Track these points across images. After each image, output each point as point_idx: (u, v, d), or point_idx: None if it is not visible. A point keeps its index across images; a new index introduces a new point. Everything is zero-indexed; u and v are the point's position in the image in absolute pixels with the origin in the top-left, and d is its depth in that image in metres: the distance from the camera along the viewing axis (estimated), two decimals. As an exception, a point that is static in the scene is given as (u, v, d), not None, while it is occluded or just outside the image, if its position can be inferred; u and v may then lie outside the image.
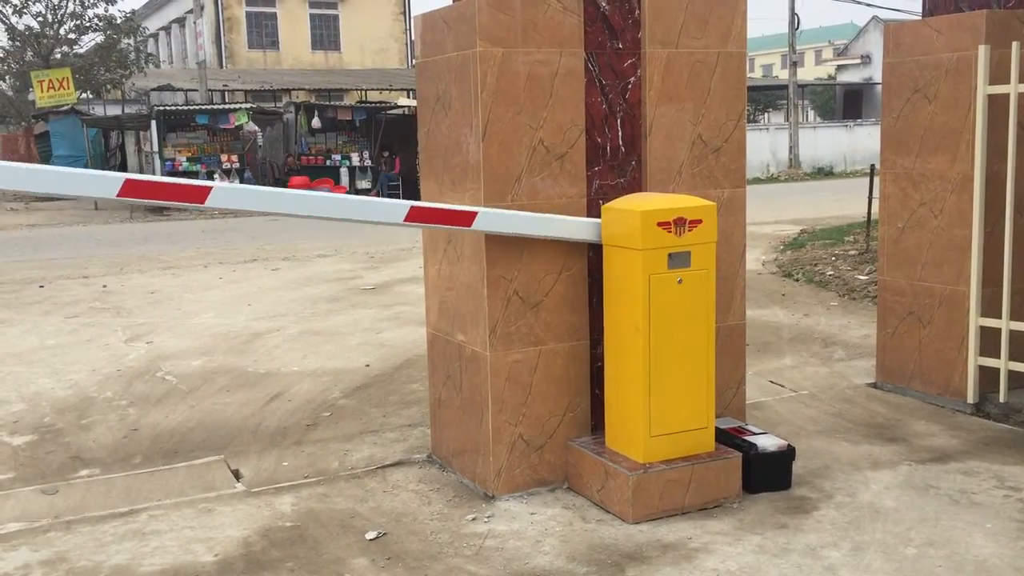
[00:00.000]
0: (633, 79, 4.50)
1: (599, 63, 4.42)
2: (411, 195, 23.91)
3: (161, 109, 25.51)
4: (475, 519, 4.17)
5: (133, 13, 36.39)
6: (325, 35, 40.57)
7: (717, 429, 4.39)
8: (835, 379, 6.35)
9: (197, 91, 28.83)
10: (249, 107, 25.97)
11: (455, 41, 4.32)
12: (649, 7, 4.44)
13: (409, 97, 28.68)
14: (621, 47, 4.46)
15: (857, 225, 13.31)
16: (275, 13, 39.59)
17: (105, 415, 6.13)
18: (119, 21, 33.20)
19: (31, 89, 28.65)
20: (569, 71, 4.32)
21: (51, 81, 26.54)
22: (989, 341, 5.30)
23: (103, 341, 8.35)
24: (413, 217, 4.09)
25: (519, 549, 3.87)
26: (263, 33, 39.57)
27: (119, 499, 4.61)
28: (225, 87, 30.46)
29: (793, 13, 31.98)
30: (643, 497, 4.07)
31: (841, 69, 43.83)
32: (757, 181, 28.67)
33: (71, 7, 32.60)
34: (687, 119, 4.58)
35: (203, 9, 32.71)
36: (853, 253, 11.31)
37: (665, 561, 3.71)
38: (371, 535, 4.04)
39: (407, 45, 40.98)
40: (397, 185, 26.29)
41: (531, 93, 4.25)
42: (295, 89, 31.69)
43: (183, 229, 19.80)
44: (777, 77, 60.63)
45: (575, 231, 4.32)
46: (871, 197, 10.97)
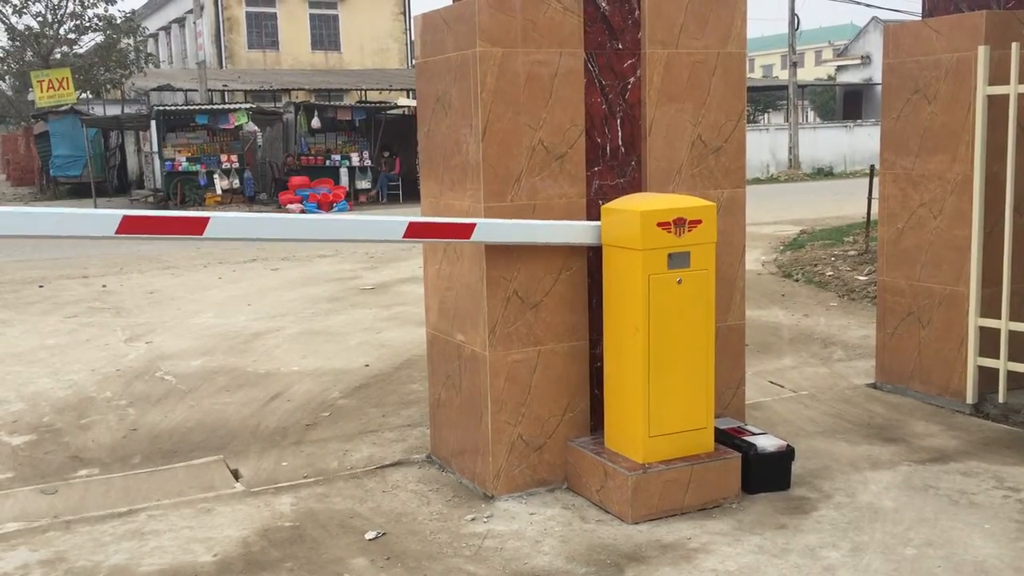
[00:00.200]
0: (633, 79, 4.50)
1: (599, 63, 4.42)
2: (411, 195, 23.92)
3: (161, 109, 25.50)
4: (474, 519, 4.17)
5: (133, 13, 36.39)
6: (325, 35, 40.56)
7: (716, 429, 4.39)
8: (834, 379, 6.36)
9: (197, 91, 28.83)
10: (249, 107, 25.96)
11: (455, 41, 4.32)
12: (649, 7, 4.45)
13: (409, 97, 28.66)
14: (621, 47, 4.46)
15: (857, 226, 13.31)
16: (275, 13, 39.58)
17: (104, 415, 6.13)
18: (119, 21, 33.21)
19: (31, 89, 28.63)
20: (569, 71, 4.32)
21: (51, 81, 26.51)
22: (988, 341, 5.30)
23: (103, 341, 8.35)
24: (412, 233, 4.11)
25: (518, 549, 3.87)
26: (263, 33, 39.57)
27: (118, 499, 4.61)
28: (225, 87, 30.44)
29: (793, 13, 31.97)
30: (642, 497, 4.07)
31: (841, 70, 43.81)
32: (757, 181, 28.67)
33: (71, 7, 32.62)
34: (687, 119, 4.58)
35: (203, 9, 32.74)
36: (853, 253, 11.31)
37: (664, 561, 3.71)
38: (370, 535, 4.04)
39: (407, 45, 40.98)
40: (397, 185, 26.28)
41: (531, 93, 4.25)
42: (295, 89, 31.68)
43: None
44: (777, 77, 60.65)
45: (574, 236, 4.33)
46: (871, 197, 10.97)
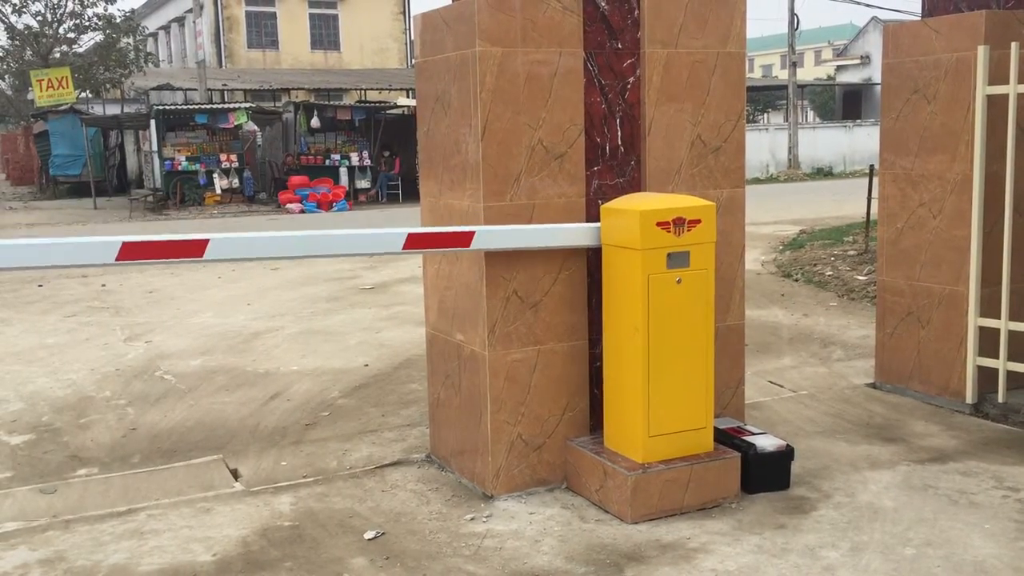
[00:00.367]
0: (632, 79, 4.50)
1: (598, 63, 4.41)
2: (411, 195, 23.91)
3: (160, 108, 25.49)
4: (474, 519, 4.17)
5: (132, 12, 36.37)
6: (324, 35, 40.55)
7: (716, 429, 4.39)
8: (834, 379, 6.35)
9: (196, 90, 28.81)
10: (248, 107, 25.96)
11: (454, 41, 4.32)
12: (648, 7, 4.44)
13: (408, 97, 28.64)
14: (620, 47, 4.46)
15: (856, 225, 13.31)
16: (274, 13, 39.57)
17: (103, 414, 6.13)
18: (118, 20, 33.17)
19: (30, 88, 28.63)
20: (568, 71, 4.32)
21: (50, 80, 26.50)
22: (988, 341, 5.30)
23: (102, 340, 8.35)
24: (411, 244, 4.11)
25: (518, 549, 3.87)
26: (262, 33, 39.56)
27: (117, 498, 4.61)
28: (224, 86, 30.42)
29: (792, 13, 31.96)
30: (642, 497, 4.07)
31: (840, 69, 43.81)
32: (756, 181, 28.67)
33: (70, 6, 32.57)
34: (686, 119, 4.58)
35: (202, 8, 32.73)
36: (852, 253, 11.31)
37: (664, 561, 3.71)
38: (370, 535, 4.03)
39: (407, 45, 40.96)
40: (397, 185, 26.28)
41: (530, 93, 4.25)
42: (294, 89, 31.67)
43: (182, 228, 19.81)
44: (776, 77, 60.66)
45: (574, 239, 4.33)
46: (870, 197, 10.97)
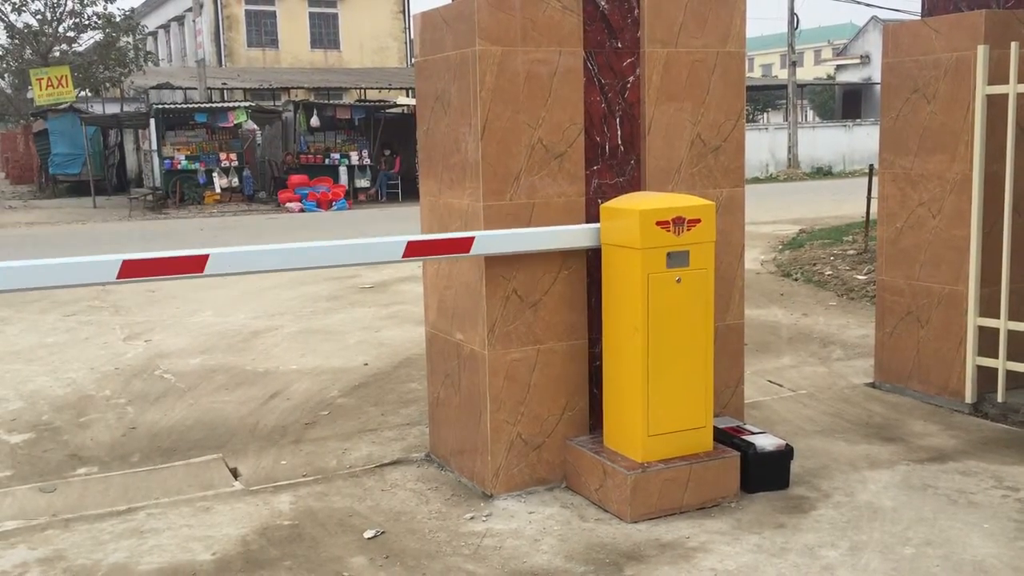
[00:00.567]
0: (632, 78, 4.50)
1: (598, 62, 4.41)
2: (410, 194, 23.91)
3: (160, 107, 25.50)
4: (473, 518, 4.17)
5: (132, 11, 36.36)
6: (324, 34, 40.56)
7: (715, 428, 4.39)
8: (833, 379, 6.36)
9: (196, 89, 28.81)
10: (248, 105, 25.97)
11: (454, 40, 4.32)
12: (648, 6, 4.44)
13: (408, 96, 28.65)
14: (620, 46, 4.46)
15: (856, 225, 13.31)
16: (274, 12, 39.58)
17: (103, 413, 6.13)
18: (118, 19, 33.16)
19: (30, 87, 28.62)
20: (568, 70, 4.32)
21: (50, 79, 26.50)
22: (987, 341, 5.30)
23: (101, 339, 8.34)
24: (411, 252, 4.11)
25: (517, 548, 3.87)
26: (262, 32, 39.56)
27: (117, 497, 4.61)
28: (224, 85, 30.43)
29: (792, 13, 31.97)
30: (641, 496, 4.07)
31: (840, 69, 43.82)
32: (756, 181, 28.68)
33: (70, 5, 32.55)
34: (686, 118, 4.58)
35: (202, 7, 32.69)
36: (852, 253, 11.31)
37: (663, 560, 3.71)
38: (369, 534, 4.03)
39: (406, 44, 40.97)
40: (396, 184, 26.29)
41: (530, 92, 4.25)
42: (294, 88, 31.68)
43: (181, 227, 19.81)
44: (776, 77, 60.67)
45: (574, 241, 4.33)
46: (870, 197, 10.97)
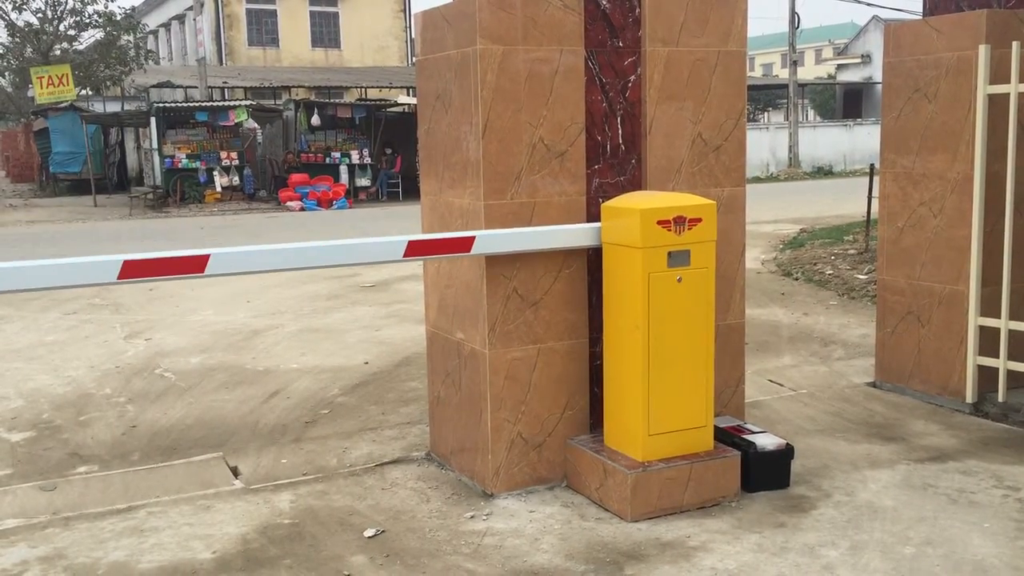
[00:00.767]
0: (633, 77, 4.49)
1: (599, 61, 4.41)
2: (411, 193, 23.91)
3: (161, 106, 25.48)
4: (473, 517, 4.17)
5: (133, 10, 36.43)
6: (325, 32, 40.55)
7: (716, 428, 4.39)
8: (834, 378, 6.35)
9: (197, 88, 28.81)
10: (249, 104, 25.94)
11: (455, 39, 4.32)
12: (649, 5, 4.44)
13: (409, 95, 28.66)
14: (621, 45, 4.45)
15: (857, 224, 13.31)
16: (275, 10, 39.57)
17: (103, 412, 6.13)
18: (119, 18, 33.19)
19: (31, 85, 28.64)
20: (569, 69, 4.32)
21: (51, 77, 26.52)
22: (988, 341, 5.30)
23: (102, 338, 8.35)
24: (411, 251, 4.10)
25: (517, 547, 3.87)
26: (263, 30, 39.55)
27: (117, 496, 4.61)
28: (225, 84, 30.42)
29: (793, 12, 31.96)
30: (642, 495, 4.07)
31: (841, 68, 43.81)
32: (757, 180, 28.68)
33: (71, 3, 32.57)
34: (687, 118, 4.58)
35: (203, 6, 32.69)
36: (852, 252, 11.31)
37: (663, 559, 3.71)
38: (369, 533, 4.03)
39: (407, 43, 40.96)
40: (397, 183, 26.28)
41: (531, 91, 4.25)
42: (295, 86, 31.67)
43: (182, 226, 19.81)
44: (777, 76, 60.65)
45: (574, 240, 4.32)
46: (871, 196, 10.97)
